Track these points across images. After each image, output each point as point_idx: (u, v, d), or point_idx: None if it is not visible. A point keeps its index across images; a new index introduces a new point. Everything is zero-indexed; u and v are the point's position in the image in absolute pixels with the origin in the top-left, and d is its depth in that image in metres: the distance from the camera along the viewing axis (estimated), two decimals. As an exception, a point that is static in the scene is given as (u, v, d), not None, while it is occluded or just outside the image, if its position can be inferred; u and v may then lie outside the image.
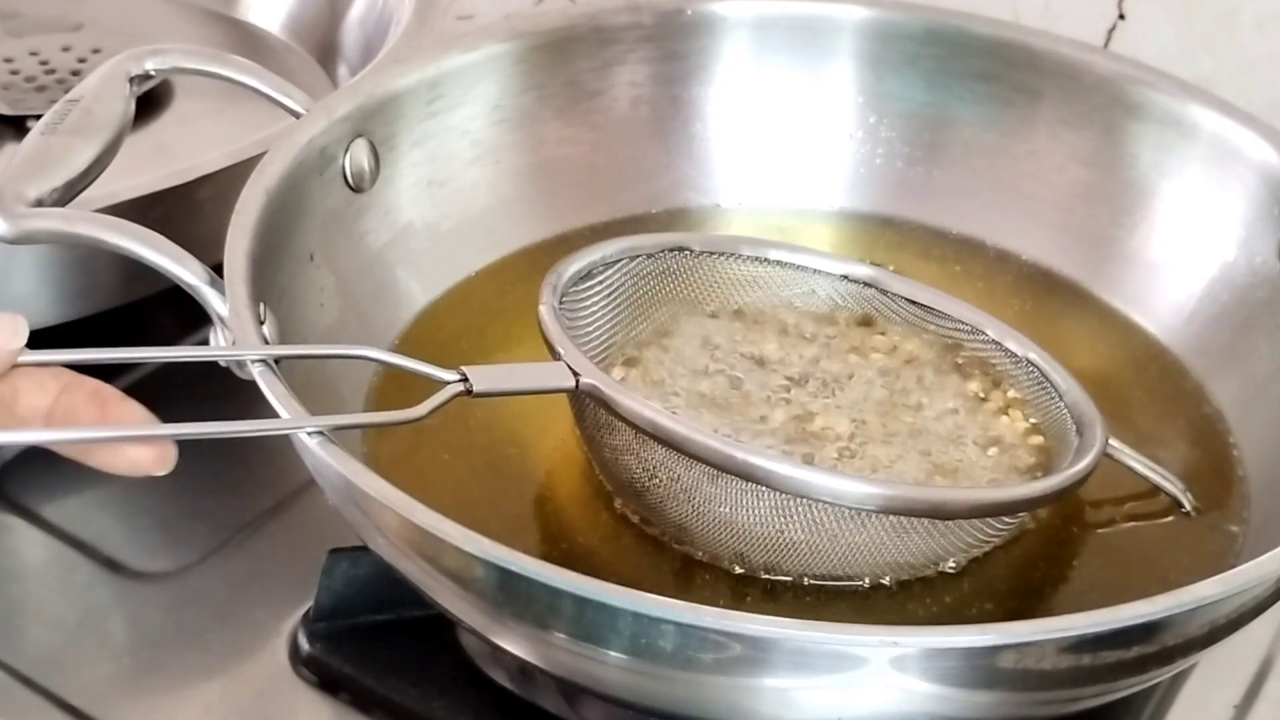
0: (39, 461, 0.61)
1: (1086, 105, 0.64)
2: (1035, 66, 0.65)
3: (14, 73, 0.74)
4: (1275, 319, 0.59)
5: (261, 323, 0.50)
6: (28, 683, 0.53)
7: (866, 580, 0.51)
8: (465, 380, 0.47)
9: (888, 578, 0.51)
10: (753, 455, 0.48)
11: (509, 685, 0.52)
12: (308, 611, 0.54)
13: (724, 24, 0.67)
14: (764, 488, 0.48)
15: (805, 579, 0.51)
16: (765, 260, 0.58)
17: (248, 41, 0.80)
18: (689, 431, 0.48)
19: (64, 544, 0.58)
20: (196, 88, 0.71)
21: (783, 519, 0.49)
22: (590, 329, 0.55)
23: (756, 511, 0.49)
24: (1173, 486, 0.55)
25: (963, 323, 0.57)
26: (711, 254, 0.57)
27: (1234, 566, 0.46)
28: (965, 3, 0.67)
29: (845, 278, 0.58)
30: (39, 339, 0.61)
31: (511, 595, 0.43)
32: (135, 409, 0.45)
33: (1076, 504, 0.54)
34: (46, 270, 0.60)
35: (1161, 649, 0.44)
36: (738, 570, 0.51)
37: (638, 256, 0.56)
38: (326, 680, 0.53)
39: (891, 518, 0.48)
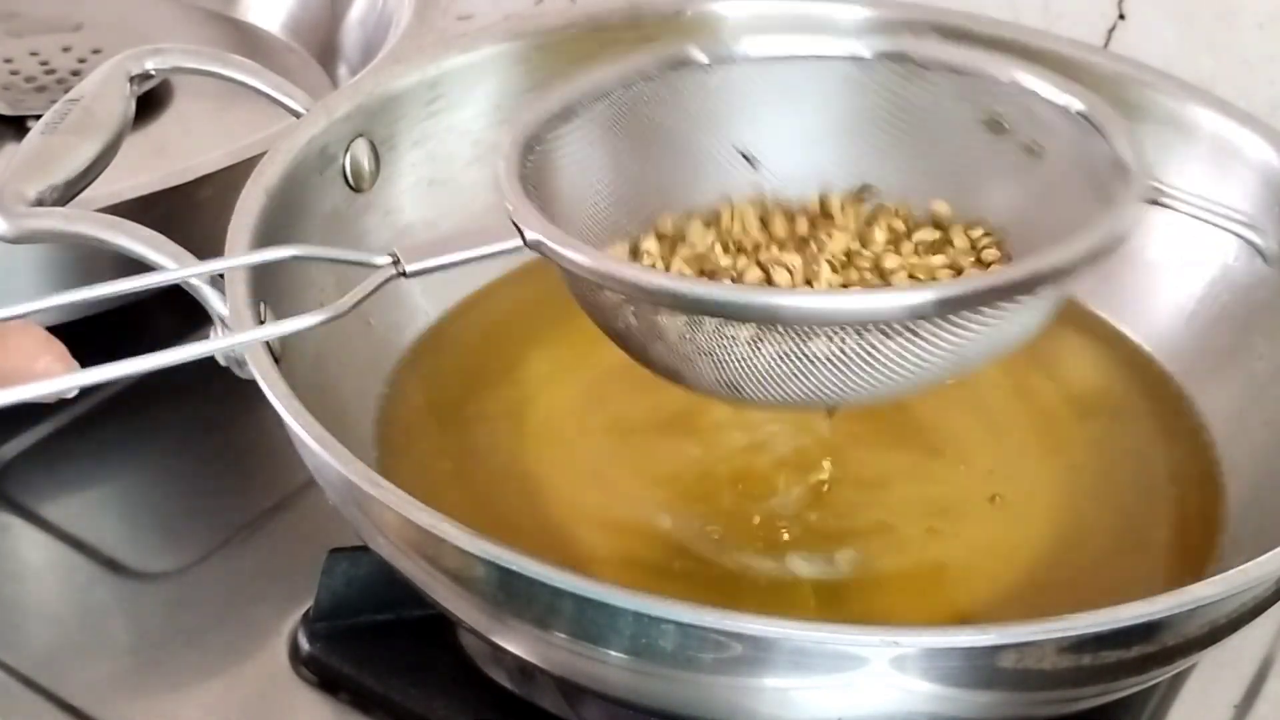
0: (39, 461, 0.61)
1: (1086, 105, 0.64)
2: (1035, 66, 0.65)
3: (14, 73, 0.74)
4: (1275, 320, 0.58)
5: (262, 322, 0.50)
6: (28, 683, 0.53)
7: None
8: (396, 261, 0.44)
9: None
10: (701, 288, 0.45)
11: (509, 685, 0.52)
12: (308, 611, 0.54)
13: (724, 24, 0.67)
14: (738, 321, 0.44)
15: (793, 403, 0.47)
16: (779, 59, 0.53)
17: (248, 41, 0.80)
18: (640, 276, 0.45)
19: (64, 544, 0.58)
20: (196, 88, 0.71)
21: (760, 346, 0.45)
22: (579, 188, 0.51)
23: (734, 343, 0.45)
24: (1244, 229, 0.52)
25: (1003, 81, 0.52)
26: (721, 63, 0.53)
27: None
28: (965, 3, 0.67)
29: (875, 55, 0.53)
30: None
31: (511, 595, 0.43)
32: (35, 332, 0.45)
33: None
34: (46, 270, 0.60)
35: (1161, 649, 0.44)
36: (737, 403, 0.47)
37: (633, 83, 0.52)
38: (326, 680, 0.53)
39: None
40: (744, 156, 0.54)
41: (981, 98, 0.53)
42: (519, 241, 0.45)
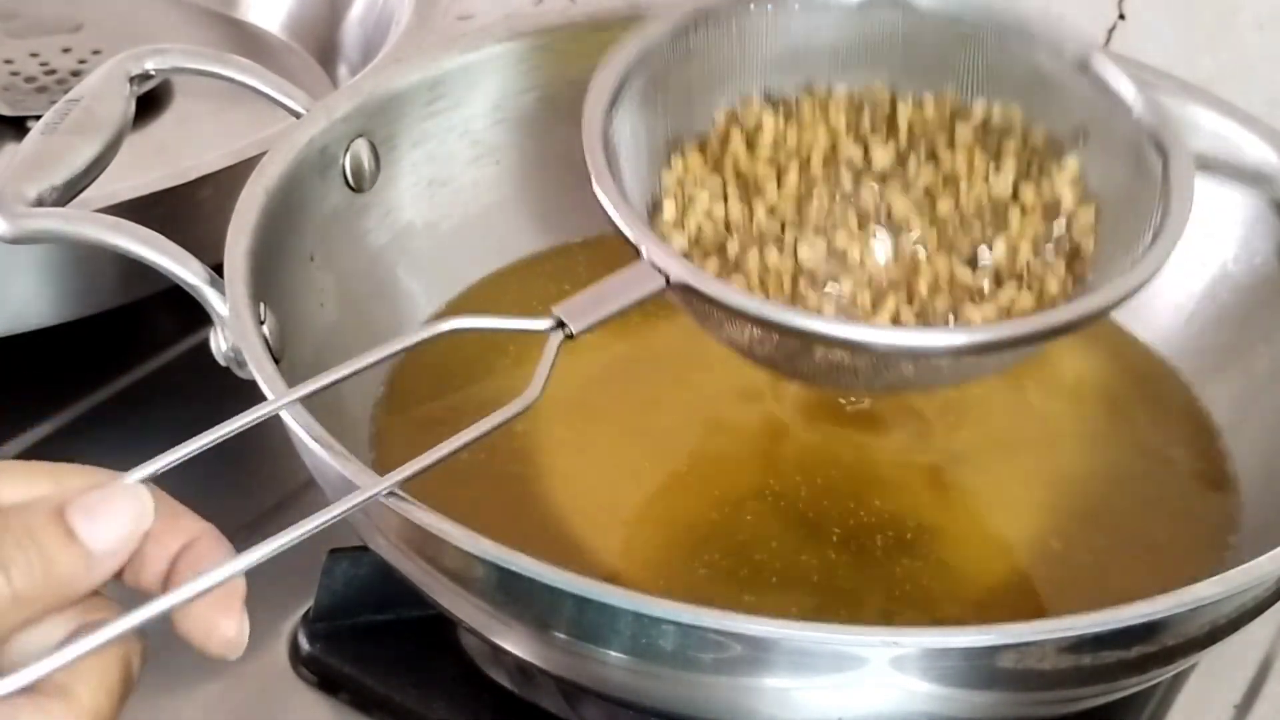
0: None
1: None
2: (1035, 66, 0.65)
3: (14, 73, 0.74)
4: (1275, 319, 0.59)
5: (262, 322, 0.50)
6: (28, 682, 0.53)
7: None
8: (562, 325, 0.43)
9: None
10: (838, 328, 0.47)
11: (509, 685, 0.52)
12: (308, 611, 0.54)
13: (724, 24, 0.67)
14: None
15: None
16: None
17: (248, 41, 0.80)
18: (783, 316, 0.47)
19: (64, 544, 0.58)
20: (196, 88, 0.71)
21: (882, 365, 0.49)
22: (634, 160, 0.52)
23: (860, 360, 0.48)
24: None
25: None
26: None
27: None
28: (965, 3, 0.66)
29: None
30: (40, 338, 0.61)
31: (511, 595, 0.43)
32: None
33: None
34: (46, 270, 0.60)
35: (1161, 649, 0.44)
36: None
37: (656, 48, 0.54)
38: (326, 680, 0.53)
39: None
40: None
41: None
42: (663, 283, 0.46)
